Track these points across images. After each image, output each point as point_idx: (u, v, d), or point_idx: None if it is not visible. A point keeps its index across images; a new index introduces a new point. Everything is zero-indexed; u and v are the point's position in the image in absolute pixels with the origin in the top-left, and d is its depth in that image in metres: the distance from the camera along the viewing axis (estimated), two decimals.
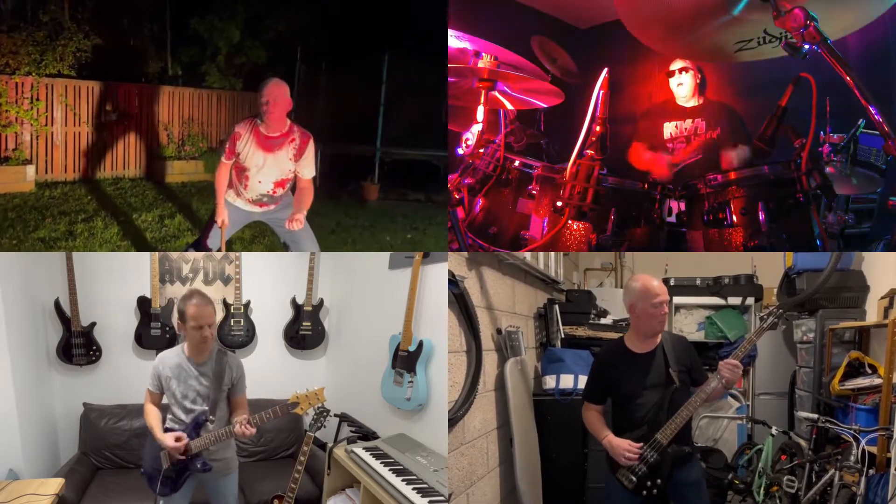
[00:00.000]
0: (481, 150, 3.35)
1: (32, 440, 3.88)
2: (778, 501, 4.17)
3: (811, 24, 2.24)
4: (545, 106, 3.57)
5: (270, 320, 4.82)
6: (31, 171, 5.98)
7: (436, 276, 3.58)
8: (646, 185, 3.22)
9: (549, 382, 4.28)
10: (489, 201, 3.34)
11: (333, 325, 4.92)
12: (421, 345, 3.67)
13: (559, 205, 3.08)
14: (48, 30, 6.14)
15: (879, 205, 3.57)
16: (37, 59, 5.98)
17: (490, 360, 3.62)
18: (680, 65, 3.96)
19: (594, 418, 2.84)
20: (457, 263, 3.26)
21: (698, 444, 5.12)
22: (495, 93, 3.31)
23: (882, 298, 4.17)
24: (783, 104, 2.97)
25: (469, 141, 3.23)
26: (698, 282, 6.35)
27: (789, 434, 4.65)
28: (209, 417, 3.03)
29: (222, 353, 3.12)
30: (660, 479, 2.65)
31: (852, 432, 3.40)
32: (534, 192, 3.23)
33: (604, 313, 5.29)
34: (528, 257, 4.19)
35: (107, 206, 5.82)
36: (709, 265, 6.35)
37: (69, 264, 4.24)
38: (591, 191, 3.06)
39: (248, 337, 4.71)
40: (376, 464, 3.26)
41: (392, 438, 3.65)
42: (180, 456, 2.97)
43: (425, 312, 3.71)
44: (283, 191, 3.70)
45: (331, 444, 3.72)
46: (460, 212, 3.31)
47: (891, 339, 3.40)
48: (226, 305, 4.69)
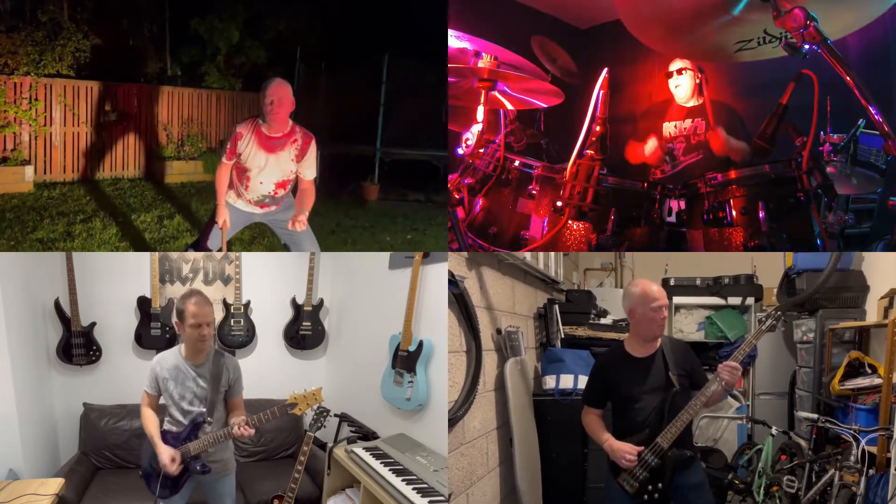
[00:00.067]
0: (481, 150, 3.35)
1: (32, 440, 3.88)
2: (778, 501, 4.17)
3: (811, 24, 2.24)
4: (545, 106, 3.57)
5: (270, 320, 4.82)
6: (29, 171, 5.96)
7: (436, 276, 3.57)
8: (646, 185, 3.22)
9: (549, 382, 4.27)
10: (489, 201, 3.34)
11: (333, 325, 4.91)
12: (421, 345, 3.67)
13: (559, 205, 3.08)
14: (47, 30, 6.12)
15: (879, 205, 3.58)
16: (35, 59, 5.96)
17: (490, 360, 3.62)
18: (678, 66, 3.93)
19: (594, 422, 2.85)
20: (457, 263, 3.26)
21: (698, 443, 5.12)
22: (495, 93, 3.31)
23: (882, 298, 4.17)
24: (784, 102, 2.97)
25: (469, 141, 3.24)
26: (698, 282, 6.35)
27: (789, 434, 4.65)
28: (207, 419, 3.03)
29: (219, 354, 3.12)
30: (661, 483, 2.65)
31: (852, 432, 3.40)
32: (534, 192, 3.23)
33: (604, 313, 5.28)
34: (528, 257, 4.19)
35: (106, 207, 5.80)
36: (709, 265, 6.35)
37: (69, 264, 4.24)
38: (591, 191, 3.06)
39: (248, 337, 4.71)
40: (376, 464, 3.26)
41: (392, 438, 3.65)
42: (174, 471, 2.97)
43: (425, 312, 3.71)
44: (284, 192, 3.69)
45: (331, 444, 3.72)
46: (460, 212, 3.31)
47: (891, 339, 3.40)
48: (226, 305, 4.69)
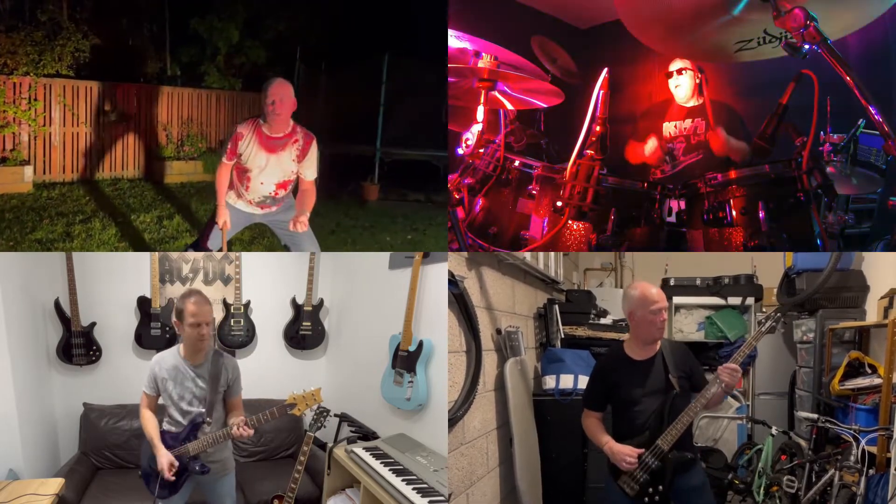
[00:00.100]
0: (481, 150, 3.35)
1: (32, 440, 3.88)
2: (778, 501, 4.17)
3: (811, 24, 2.24)
4: (545, 106, 3.57)
5: (270, 320, 4.82)
6: (28, 171, 5.95)
7: (436, 276, 3.57)
8: (646, 185, 3.22)
9: (549, 382, 4.27)
10: (489, 201, 3.34)
11: (333, 325, 4.91)
12: (421, 345, 3.67)
13: (559, 205, 3.08)
14: (46, 30, 6.11)
15: (879, 205, 3.58)
16: (35, 59, 5.95)
17: (490, 361, 3.62)
18: (678, 66, 3.92)
19: (594, 425, 2.85)
20: (456, 263, 3.25)
21: (698, 443, 5.12)
22: (495, 93, 3.31)
23: (882, 298, 4.17)
24: (784, 102, 2.97)
25: (469, 141, 3.24)
26: (698, 282, 6.34)
27: (789, 434, 4.65)
28: (206, 419, 3.04)
29: (218, 354, 3.12)
30: (661, 486, 2.65)
31: (852, 432, 3.40)
32: (534, 192, 3.23)
33: (603, 313, 5.28)
34: (528, 257, 4.19)
35: (105, 207, 5.79)
36: (709, 265, 6.35)
37: (69, 264, 4.23)
38: (591, 191, 3.06)
39: (248, 337, 4.71)
40: (376, 464, 3.26)
41: (392, 438, 3.65)
42: (171, 477, 2.97)
43: (425, 312, 3.71)
44: (284, 192, 3.67)
45: (331, 444, 3.72)
46: (460, 212, 3.31)
47: (891, 339, 3.40)
48: (226, 305, 4.68)
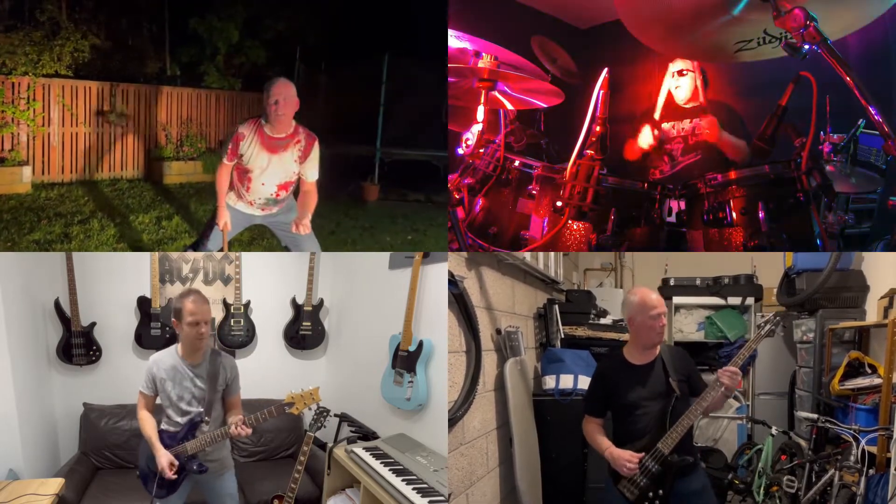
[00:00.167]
0: (481, 150, 3.35)
1: (32, 440, 3.88)
2: (778, 501, 4.17)
3: (811, 24, 2.24)
4: (545, 106, 3.57)
5: (270, 320, 4.82)
6: (27, 172, 5.93)
7: (436, 276, 3.57)
8: (646, 185, 3.22)
9: (549, 382, 4.27)
10: (489, 201, 3.34)
11: (333, 325, 4.91)
12: (421, 345, 3.67)
13: (559, 205, 3.08)
14: (45, 30, 6.10)
15: (879, 205, 3.57)
16: (34, 59, 5.93)
17: (490, 361, 3.62)
18: (679, 67, 3.91)
19: (595, 431, 2.84)
20: (456, 263, 3.26)
21: (698, 443, 5.12)
22: (495, 93, 3.31)
23: (882, 298, 4.17)
24: (783, 103, 2.97)
25: (469, 141, 3.24)
26: (698, 282, 6.35)
27: (789, 434, 4.66)
28: (204, 419, 3.04)
29: (216, 354, 3.12)
30: (662, 490, 2.64)
31: (852, 432, 3.41)
32: (534, 192, 3.23)
33: (603, 313, 5.28)
34: (528, 257, 4.19)
35: (104, 208, 5.77)
36: (709, 265, 6.36)
37: (69, 264, 4.23)
38: (591, 191, 3.06)
39: (248, 337, 4.71)
40: (376, 464, 3.26)
41: (392, 438, 3.65)
42: (171, 476, 2.98)
43: (425, 312, 3.71)
44: (286, 193, 3.65)
45: (331, 444, 3.72)
46: (460, 212, 3.31)
47: (891, 339, 3.41)
48: (226, 305, 4.68)
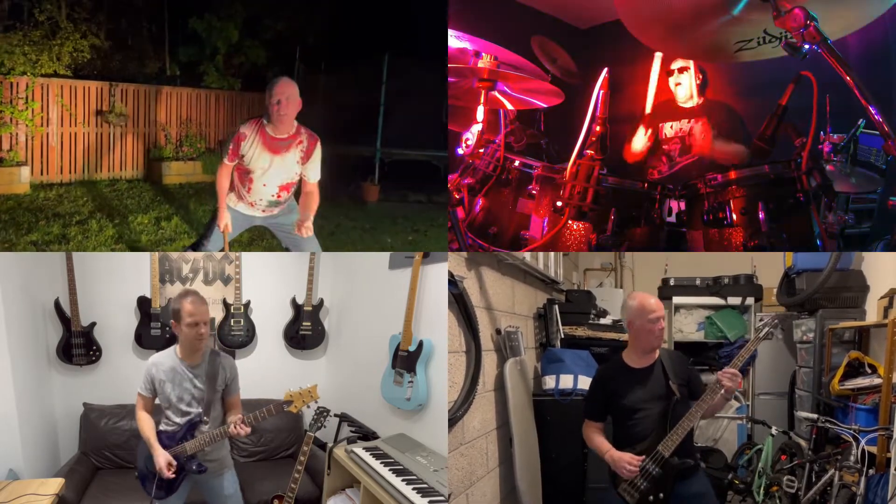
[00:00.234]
0: (481, 150, 3.35)
1: (32, 440, 3.88)
2: (778, 501, 4.18)
3: (811, 24, 2.24)
4: (545, 106, 3.57)
5: (270, 320, 4.82)
6: (25, 172, 5.91)
7: (436, 276, 3.57)
8: (646, 185, 3.21)
9: (549, 383, 4.27)
10: (489, 201, 3.34)
11: (333, 325, 4.91)
12: (421, 345, 3.67)
13: (559, 205, 3.08)
14: (44, 29, 6.09)
15: (879, 205, 3.57)
16: (33, 58, 5.91)
17: (489, 361, 3.61)
18: (679, 64, 3.95)
19: (595, 435, 2.85)
20: (456, 264, 3.25)
21: (698, 443, 5.12)
22: (495, 93, 3.31)
23: (882, 298, 4.17)
24: (783, 103, 2.97)
25: (469, 141, 3.23)
26: (698, 282, 6.35)
27: (789, 434, 4.66)
28: (203, 419, 3.04)
29: (215, 354, 3.12)
30: (662, 493, 2.63)
31: (852, 432, 3.41)
32: (534, 192, 3.23)
33: (603, 313, 5.28)
34: (528, 257, 4.19)
35: (102, 209, 5.76)
36: (709, 265, 6.36)
37: (69, 264, 4.23)
38: (591, 191, 3.06)
39: (248, 337, 4.70)
40: (376, 464, 3.26)
41: (392, 438, 3.65)
42: (170, 475, 2.98)
43: (425, 312, 3.71)
44: (287, 195, 3.64)
45: (331, 444, 3.72)
46: (460, 212, 3.31)
47: (890, 339, 3.41)
48: (226, 305, 4.68)
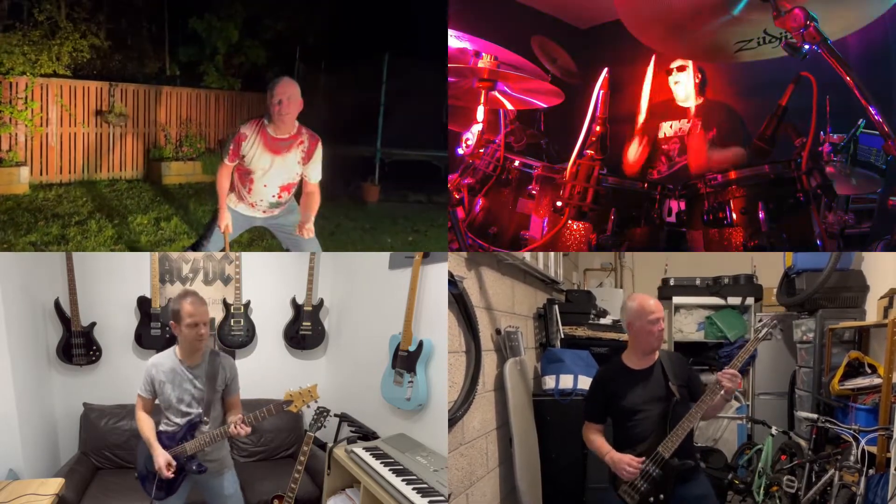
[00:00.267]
0: (481, 150, 3.35)
1: (32, 440, 3.88)
2: (778, 501, 4.18)
3: (811, 24, 2.24)
4: (545, 106, 3.57)
5: (270, 320, 4.82)
6: (25, 172, 5.90)
7: (436, 276, 3.57)
8: (646, 185, 3.22)
9: (549, 383, 4.27)
10: (489, 201, 3.34)
11: (333, 325, 4.91)
12: (421, 345, 3.67)
13: (559, 205, 3.08)
14: (44, 29, 6.08)
15: (879, 205, 3.57)
16: (32, 58, 5.90)
17: (489, 361, 3.61)
18: (678, 63, 3.95)
19: (595, 437, 2.85)
20: (456, 264, 3.26)
21: (698, 443, 5.13)
22: (495, 93, 3.31)
23: (882, 298, 4.17)
24: (783, 103, 2.97)
25: (469, 141, 3.23)
26: (698, 282, 6.35)
27: (789, 434, 4.66)
28: (203, 419, 3.04)
29: (215, 354, 3.12)
30: (663, 495, 2.63)
31: (852, 432, 3.41)
32: (534, 192, 3.23)
33: (603, 313, 5.28)
34: (528, 257, 4.19)
35: (102, 209, 5.74)
36: (709, 265, 6.36)
37: (69, 264, 4.23)
38: (591, 191, 3.06)
39: (248, 337, 4.70)
40: (376, 464, 3.26)
41: (392, 438, 3.65)
42: (169, 475, 2.98)
43: (425, 312, 3.71)
44: (288, 195, 3.63)
45: (331, 444, 3.72)
46: (460, 212, 3.31)
47: (890, 339, 3.41)
48: (226, 305, 4.68)
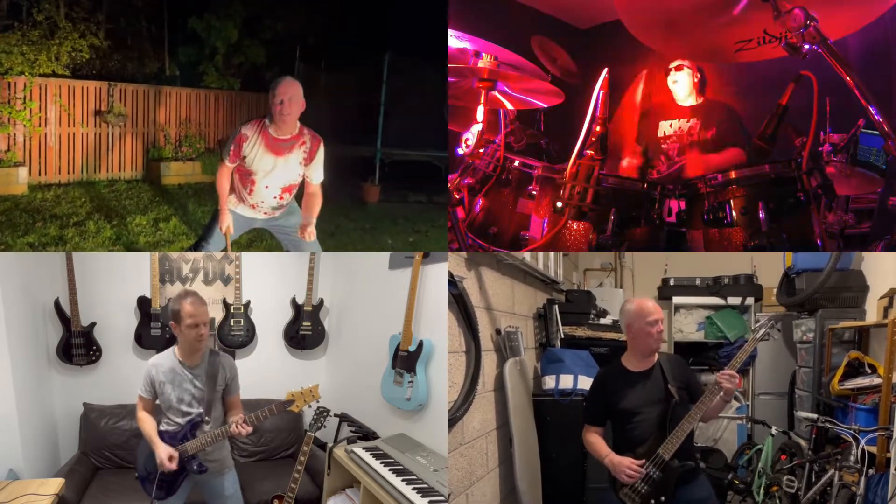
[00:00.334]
0: (481, 150, 3.35)
1: (32, 440, 3.88)
2: (778, 501, 4.18)
3: (811, 24, 2.24)
4: (545, 106, 3.57)
5: (270, 320, 4.82)
6: (23, 172, 5.89)
7: (436, 276, 3.57)
8: (646, 185, 3.22)
9: (549, 383, 4.27)
10: (489, 201, 3.34)
11: (333, 325, 4.91)
12: (421, 345, 3.67)
13: (559, 205, 3.08)
14: (43, 29, 6.08)
15: (879, 205, 3.57)
16: (31, 58, 5.89)
17: (489, 361, 3.61)
18: (676, 63, 3.95)
19: (595, 440, 2.85)
20: (456, 264, 3.26)
21: (698, 443, 5.12)
22: (495, 93, 3.31)
23: (882, 298, 4.17)
24: (784, 103, 2.97)
25: (469, 141, 3.23)
26: (698, 282, 6.35)
27: (789, 434, 4.66)
28: (205, 419, 3.04)
29: (214, 354, 3.12)
30: (664, 497, 2.62)
31: (852, 432, 3.41)
32: (534, 192, 3.23)
33: (603, 313, 5.28)
34: (528, 257, 4.18)
35: (100, 210, 5.74)
36: (709, 265, 6.36)
37: (69, 264, 4.23)
38: (591, 191, 3.06)
39: (248, 337, 4.70)
40: (376, 464, 3.26)
41: (392, 438, 3.65)
42: (172, 467, 2.98)
43: (425, 312, 3.71)
44: (289, 197, 3.61)
45: (331, 444, 3.72)
46: (460, 212, 3.31)
47: (890, 339, 3.41)
48: (226, 305, 4.68)
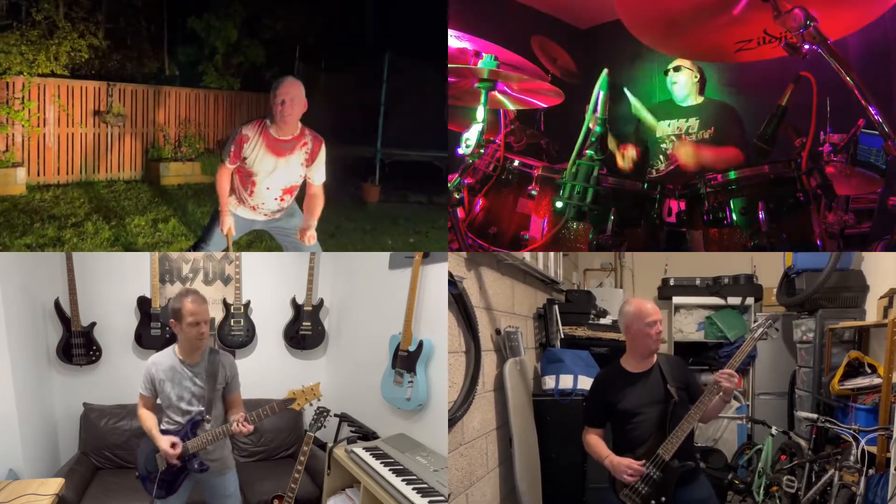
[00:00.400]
0: (481, 150, 3.35)
1: (32, 440, 3.88)
2: (778, 501, 4.18)
3: (811, 25, 2.24)
4: (545, 106, 3.56)
5: (270, 320, 4.82)
6: (21, 173, 5.88)
7: (436, 276, 3.57)
8: (646, 185, 3.22)
9: (549, 383, 4.27)
10: (489, 201, 3.34)
11: (333, 325, 4.91)
12: (421, 345, 3.67)
13: (559, 205, 3.08)
14: (42, 29, 6.08)
15: (879, 205, 3.57)
16: (29, 58, 5.88)
17: (489, 361, 3.61)
18: (675, 63, 3.95)
19: (595, 441, 2.85)
20: (456, 264, 3.26)
21: (698, 443, 5.12)
22: (495, 93, 3.31)
23: (882, 298, 4.18)
24: (783, 103, 2.97)
25: (469, 141, 3.23)
26: (698, 282, 6.35)
27: (789, 434, 4.66)
28: (206, 417, 3.04)
29: (214, 352, 3.12)
30: (664, 498, 2.62)
31: (852, 432, 3.41)
32: (534, 192, 3.23)
33: (603, 313, 5.28)
34: (528, 257, 4.18)
35: (99, 210, 5.73)
36: (709, 265, 6.36)
37: (69, 264, 4.23)
38: (591, 191, 3.06)
39: (248, 337, 4.70)
40: (376, 464, 3.26)
41: (392, 438, 3.65)
42: (175, 461, 2.97)
43: (425, 312, 3.71)
44: (290, 198, 3.60)
45: (331, 444, 3.72)
46: (460, 212, 3.31)
47: (890, 339, 3.41)
48: (226, 305, 4.68)
